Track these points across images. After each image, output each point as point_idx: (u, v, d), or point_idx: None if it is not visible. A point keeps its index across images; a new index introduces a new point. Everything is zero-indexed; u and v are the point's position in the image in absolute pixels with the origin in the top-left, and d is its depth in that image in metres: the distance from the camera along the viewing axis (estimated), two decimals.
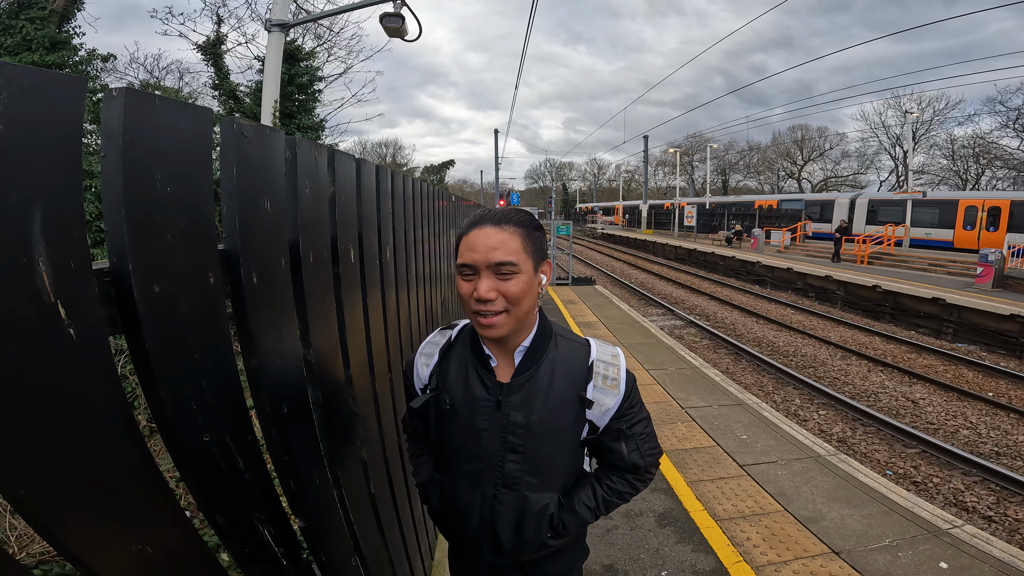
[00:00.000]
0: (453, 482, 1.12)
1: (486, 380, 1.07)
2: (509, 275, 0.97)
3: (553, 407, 1.05)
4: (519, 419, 1.04)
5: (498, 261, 0.96)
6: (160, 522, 0.62)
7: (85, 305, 0.52)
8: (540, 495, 1.08)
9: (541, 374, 1.06)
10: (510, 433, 1.04)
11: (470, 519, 1.10)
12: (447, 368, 1.11)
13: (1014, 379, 7.79)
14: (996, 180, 35.56)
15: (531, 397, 1.05)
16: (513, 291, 0.97)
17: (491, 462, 1.06)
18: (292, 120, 10.04)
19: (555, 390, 1.06)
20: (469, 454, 1.07)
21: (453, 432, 1.09)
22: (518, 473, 1.06)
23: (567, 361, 1.08)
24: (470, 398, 1.07)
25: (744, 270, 19.32)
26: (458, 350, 1.13)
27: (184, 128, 0.64)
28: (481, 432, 1.06)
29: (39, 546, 2.23)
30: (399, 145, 50.33)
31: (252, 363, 0.82)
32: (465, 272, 0.99)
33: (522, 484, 1.06)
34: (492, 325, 0.98)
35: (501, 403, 1.05)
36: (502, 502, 1.07)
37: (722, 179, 57.84)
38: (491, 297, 0.96)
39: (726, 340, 9.88)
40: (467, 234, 1.01)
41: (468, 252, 0.98)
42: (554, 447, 1.08)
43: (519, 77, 15.32)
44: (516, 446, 1.05)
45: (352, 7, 7.12)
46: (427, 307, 2.47)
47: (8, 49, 8.54)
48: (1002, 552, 2.77)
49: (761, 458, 3.94)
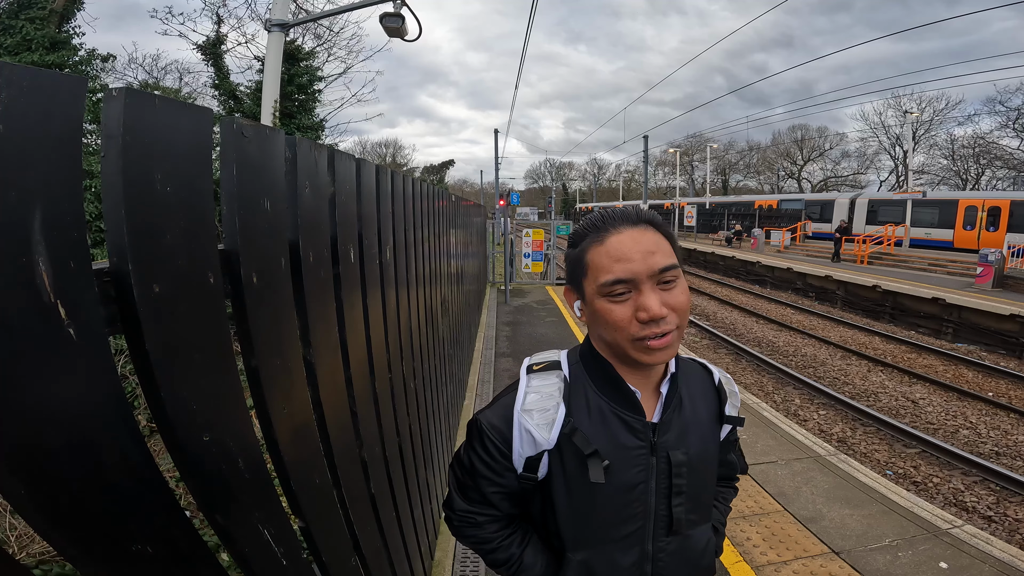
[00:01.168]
0: (606, 555, 0.92)
1: (635, 423, 0.88)
2: (673, 283, 0.80)
3: (704, 434, 0.94)
4: (680, 457, 0.89)
5: (662, 267, 0.78)
6: (160, 522, 0.62)
7: (85, 305, 0.51)
8: (701, 529, 0.97)
9: (685, 402, 0.93)
10: (675, 476, 0.89)
11: None
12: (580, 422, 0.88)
13: (1014, 379, 7.80)
14: (996, 180, 35.57)
15: (684, 430, 0.91)
16: (681, 300, 0.80)
17: (651, 514, 0.90)
18: (292, 120, 10.05)
19: (701, 416, 0.95)
20: (624, 516, 0.89)
21: (598, 499, 0.88)
22: (684, 515, 0.92)
23: (695, 381, 0.97)
24: (619, 450, 0.87)
25: (744, 270, 19.32)
26: (579, 394, 0.90)
27: (184, 128, 0.64)
28: (638, 486, 0.88)
29: (39, 546, 2.23)
30: (399, 145, 50.34)
31: (252, 363, 0.82)
32: (617, 291, 0.79)
33: (684, 524, 0.93)
34: (666, 347, 0.79)
35: (656, 445, 0.88)
36: (668, 551, 0.93)
37: (722, 179, 57.85)
38: (664, 314, 0.77)
39: (726, 340, 9.88)
40: (601, 243, 0.81)
41: (618, 264, 0.78)
42: (708, 477, 0.97)
43: (519, 77, 15.32)
44: (681, 487, 0.90)
45: (352, 7, 7.12)
46: (427, 307, 2.47)
47: (8, 49, 8.54)
48: (1002, 552, 2.77)
49: (761, 458, 3.94)
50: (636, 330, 0.78)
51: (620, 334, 0.80)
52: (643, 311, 0.77)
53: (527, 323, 8.72)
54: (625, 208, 0.84)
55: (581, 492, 0.88)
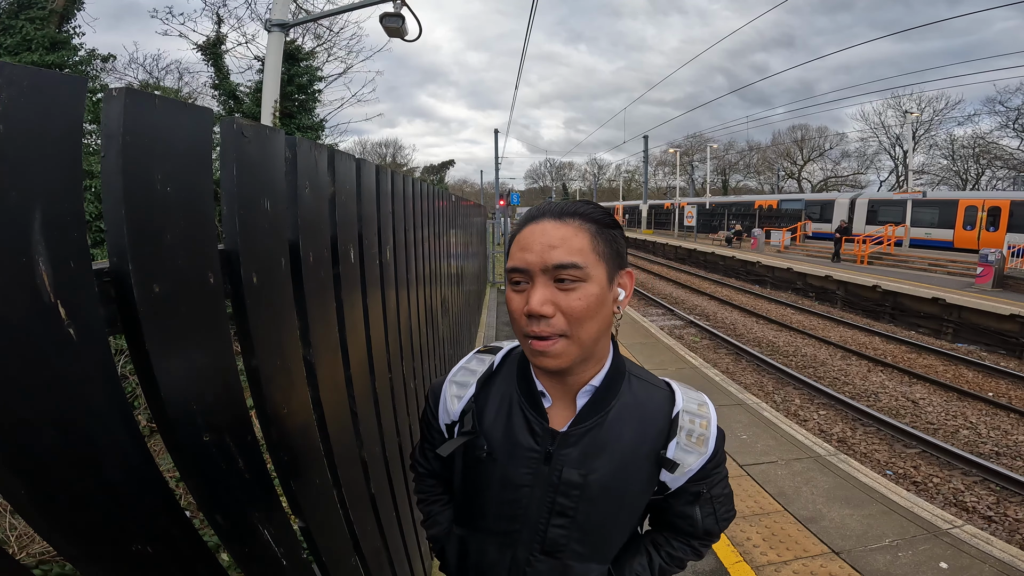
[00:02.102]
0: (478, 540, 0.93)
1: (535, 425, 0.86)
2: (572, 283, 0.74)
3: (620, 466, 0.85)
4: (574, 478, 0.84)
5: (557, 263, 0.74)
6: (160, 522, 0.62)
7: (85, 305, 0.51)
8: (587, 566, 0.89)
9: (610, 423, 0.85)
10: (560, 494, 0.85)
11: None
12: (484, 403, 0.90)
13: (1014, 379, 7.80)
14: (996, 180, 35.58)
15: (594, 452, 0.84)
16: (576, 306, 0.74)
17: (530, 524, 0.87)
18: (292, 120, 10.05)
19: (625, 445, 0.85)
20: (503, 512, 0.89)
21: (485, 483, 0.89)
22: (564, 540, 0.87)
23: (643, 409, 0.87)
24: (512, 446, 0.86)
25: (744, 270, 19.32)
26: (501, 382, 0.92)
27: (184, 128, 0.64)
28: (521, 488, 0.86)
29: (39, 546, 2.23)
30: (399, 145, 50.40)
31: (252, 363, 0.82)
32: (515, 279, 0.78)
33: (567, 553, 0.88)
34: (547, 352, 0.76)
35: (552, 456, 0.85)
36: (538, 570, 0.88)
37: (722, 179, 57.87)
38: (546, 312, 0.74)
39: (726, 340, 9.88)
40: (519, 232, 0.80)
41: (519, 252, 0.77)
42: (613, 512, 0.88)
43: (519, 76, 15.32)
44: (566, 509, 0.85)
45: (352, 7, 7.12)
46: (427, 307, 2.47)
47: (8, 49, 8.54)
48: (1002, 552, 2.77)
49: (761, 458, 3.94)
50: (524, 324, 0.77)
51: (515, 325, 0.80)
52: (526, 304, 0.75)
53: None
54: (563, 203, 0.81)
55: (472, 471, 0.91)
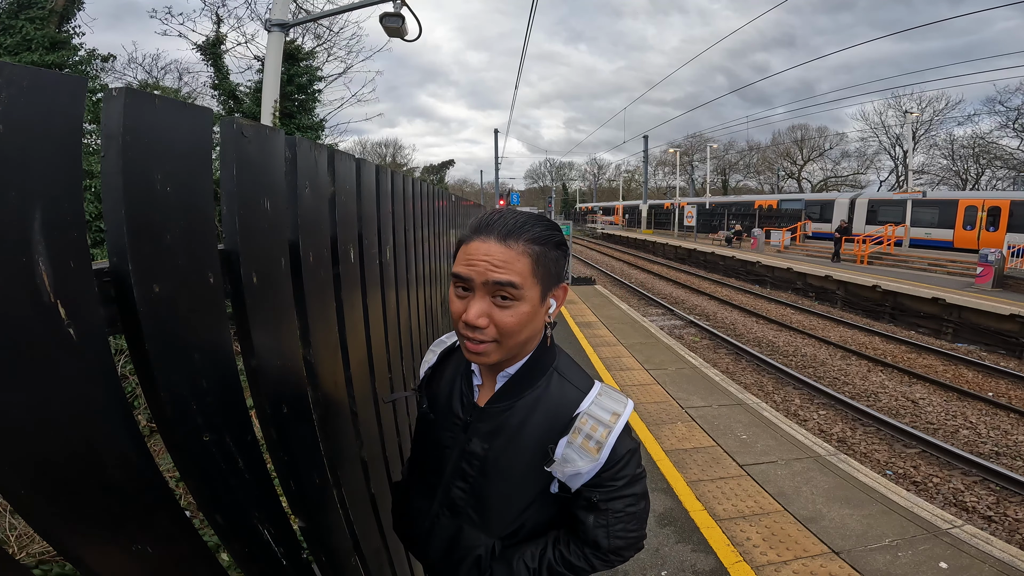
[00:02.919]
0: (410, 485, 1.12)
1: (464, 398, 1.00)
2: (508, 301, 0.83)
3: (516, 449, 0.93)
4: (477, 449, 0.96)
5: (496, 281, 0.82)
6: (160, 522, 0.62)
7: (85, 305, 0.52)
8: (476, 533, 0.98)
9: (517, 409, 0.94)
10: (465, 461, 0.97)
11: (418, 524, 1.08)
12: (441, 372, 1.07)
13: (1014, 379, 7.80)
14: (996, 180, 35.58)
15: (498, 431, 0.94)
16: (508, 322, 0.84)
17: (444, 482, 1.01)
18: (292, 120, 10.04)
19: (526, 432, 0.92)
20: (430, 466, 1.05)
21: (424, 440, 1.07)
22: (461, 503, 0.99)
23: (553, 404, 0.93)
24: (447, 411, 1.01)
25: (744, 270, 19.32)
26: (458, 356, 1.06)
27: (184, 128, 0.64)
28: (444, 449, 1.01)
29: (39, 546, 2.23)
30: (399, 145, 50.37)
31: (252, 363, 0.82)
32: (458, 285, 0.86)
33: (464, 516, 0.99)
34: (479, 353, 0.87)
35: (469, 426, 0.98)
36: (440, 524, 1.02)
37: (722, 179, 57.86)
38: (481, 324, 0.83)
39: (726, 340, 9.88)
40: (468, 242, 0.87)
41: (464, 264, 0.85)
42: (505, 491, 0.96)
43: (519, 76, 15.33)
44: (467, 475, 0.97)
45: (352, 7, 7.12)
46: (427, 307, 2.47)
47: (8, 49, 8.54)
48: (1002, 552, 2.77)
49: (761, 458, 3.94)
50: (461, 327, 0.87)
51: (454, 323, 0.90)
52: (465, 314, 0.85)
53: None
54: (508, 220, 0.86)
55: (419, 427, 1.11)
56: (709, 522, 3.07)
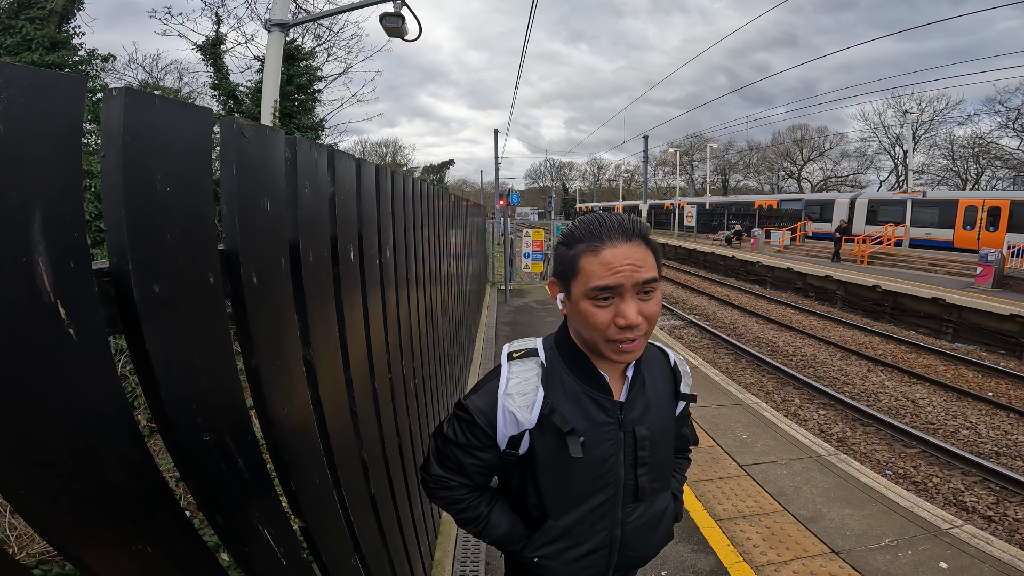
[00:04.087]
0: (580, 522, 1.03)
1: (604, 403, 1.00)
2: (651, 294, 0.89)
3: (662, 411, 1.06)
4: (644, 432, 1.02)
5: (645, 280, 0.87)
6: (160, 522, 0.62)
7: (85, 305, 0.52)
8: (661, 497, 1.11)
9: (647, 383, 1.05)
10: (639, 448, 1.02)
11: (597, 551, 1.06)
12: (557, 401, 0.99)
13: (1014, 379, 7.80)
14: (996, 180, 35.57)
15: (647, 408, 1.04)
16: (654, 311, 0.90)
17: (621, 483, 1.03)
18: (292, 120, 10.04)
19: (659, 395, 1.07)
20: (597, 485, 1.01)
21: (574, 470, 0.99)
22: (647, 484, 1.05)
23: (655, 364, 1.09)
24: (592, 427, 0.98)
25: (744, 270, 19.32)
26: (555, 379, 1.00)
27: (184, 128, 0.64)
28: (609, 459, 1.00)
29: (39, 546, 2.23)
30: (399, 145, 50.36)
31: (252, 363, 0.82)
32: (603, 297, 0.88)
33: (647, 492, 1.06)
34: (634, 350, 0.90)
35: (623, 421, 1.01)
36: (635, 516, 1.07)
37: (722, 179, 57.85)
38: (639, 322, 0.87)
39: (726, 340, 9.88)
40: (596, 252, 0.88)
41: (608, 274, 0.86)
42: (669, 448, 1.11)
43: (519, 76, 15.31)
44: (645, 459, 1.03)
45: (352, 7, 7.12)
46: (427, 307, 2.47)
47: (8, 49, 8.54)
48: (1002, 552, 2.77)
49: (761, 458, 3.94)
50: (613, 333, 0.88)
51: (598, 334, 0.90)
52: (622, 318, 0.87)
53: (527, 323, 8.72)
54: (621, 220, 0.91)
55: (561, 465, 1.00)
56: (709, 522, 3.06)
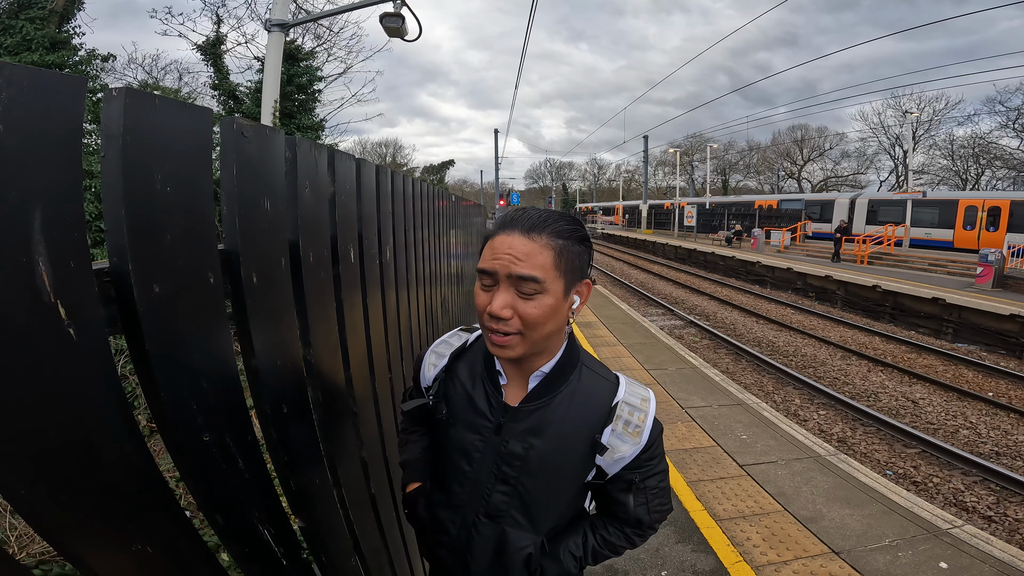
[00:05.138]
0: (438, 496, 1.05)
1: (492, 399, 0.98)
2: (531, 294, 0.85)
3: (560, 444, 0.95)
4: (517, 449, 0.95)
5: (519, 275, 0.84)
6: (160, 522, 0.62)
7: (85, 305, 0.52)
8: (522, 534, 0.98)
9: (555, 406, 0.95)
10: (504, 463, 0.96)
11: (449, 536, 1.03)
12: (455, 374, 1.03)
13: (1014, 379, 7.79)
14: (996, 180, 35.57)
15: (537, 429, 0.95)
16: (531, 313, 0.85)
17: (478, 488, 0.98)
18: (292, 120, 10.04)
19: (567, 426, 0.95)
20: (457, 473, 1.00)
21: (447, 446, 1.02)
22: (504, 507, 0.97)
23: (588, 396, 0.97)
24: (471, 413, 0.98)
25: (744, 270, 19.32)
26: (471, 357, 1.03)
27: (184, 128, 0.64)
28: (474, 454, 0.98)
29: (39, 546, 2.23)
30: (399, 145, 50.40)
31: (252, 363, 0.82)
32: (484, 279, 0.88)
33: (506, 519, 0.98)
34: (504, 345, 0.88)
35: (502, 427, 0.96)
36: (480, 532, 0.99)
37: (722, 179, 57.86)
38: (505, 315, 0.85)
39: (726, 340, 9.88)
40: (493, 237, 0.89)
41: (489, 258, 0.87)
42: (551, 487, 0.98)
43: (519, 76, 15.33)
44: (508, 477, 0.96)
45: (352, 7, 7.12)
46: (427, 307, 2.47)
47: (8, 49, 8.54)
48: (1002, 552, 2.77)
49: (761, 458, 3.94)
50: (486, 320, 0.89)
51: (480, 318, 0.91)
52: (489, 305, 0.87)
53: None
54: (532, 215, 0.89)
55: (438, 433, 1.04)
56: (709, 522, 3.06)
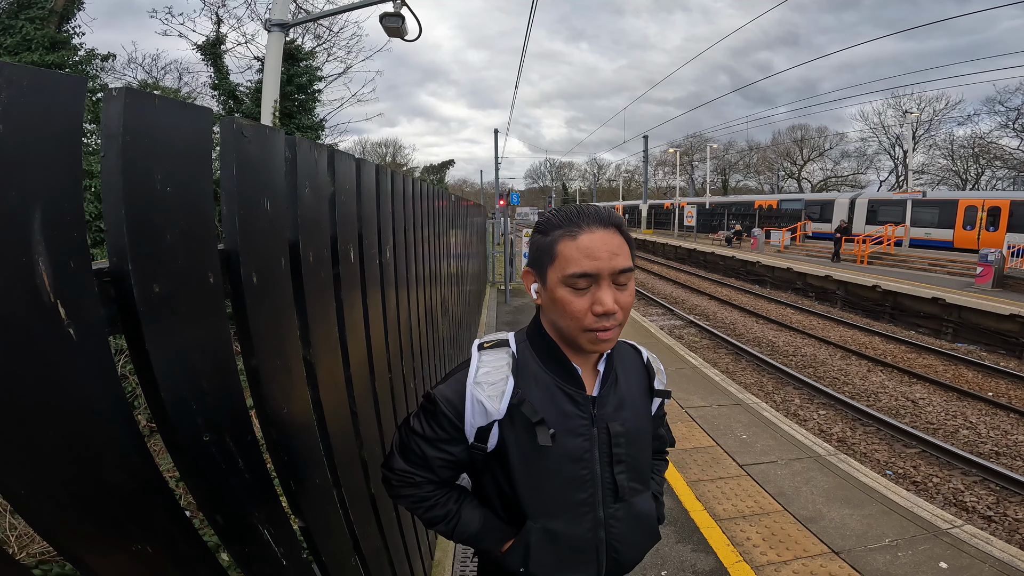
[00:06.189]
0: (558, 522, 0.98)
1: (576, 397, 0.97)
2: (625, 283, 0.88)
3: (637, 407, 1.05)
4: (619, 429, 0.99)
5: (622, 268, 0.86)
6: (160, 522, 0.62)
7: (85, 305, 0.52)
8: (643, 497, 1.07)
9: (620, 379, 1.03)
10: (615, 445, 0.99)
11: (586, 553, 1.01)
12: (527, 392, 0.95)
13: (1014, 379, 7.79)
14: (996, 180, 35.56)
15: (620, 404, 1.01)
16: (628, 301, 0.89)
17: (599, 482, 0.99)
18: (292, 120, 10.04)
19: (633, 391, 1.05)
20: (574, 483, 0.97)
21: (549, 466, 0.95)
22: (626, 483, 1.02)
23: (627, 360, 1.07)
24: (564, 420, 0.95)
25: (744, 270, 19.31)
26: (525, 371, 0.97)
27: (184, 128, 0.64)
28: (583, 456, 0.97)
29: (39, 546, 2.23)
30: (399, 145, 50.41)
31: (252, 363, 0.82)
32: (580, 285, 0.86)
33: (629, 492, 1.03)
34: (609, 340, 0.89)
35: (596, 417, 0.98)
36: (618, 518, 1.02)
37: (722, 179, 57.84)
38: (616, 310, 0.86)
39: (726, 340, 9.88)
40: (574, 237, 0.86)
41: (587, 260, 0.85)
42: (645, 447, 1.08)
43: (519, 75, 15.31)
44: (621, 456, 1.00)
45: (352, 7, 7.12)
46: (427, 307, 2.47)
47: (8, 49, 8.54)
48: (1002, 552, 2.77)
49: (761, 458, 3.94)
50: (590, 321, 0.87)
51: (574, 323, 0.89)
52: (599, 305, 0.86)
53: (527, 322, 8.70)
54: (597, 209, 0.91)
55: (534, 460, 0.95)
56: (709, 522, 3.06)
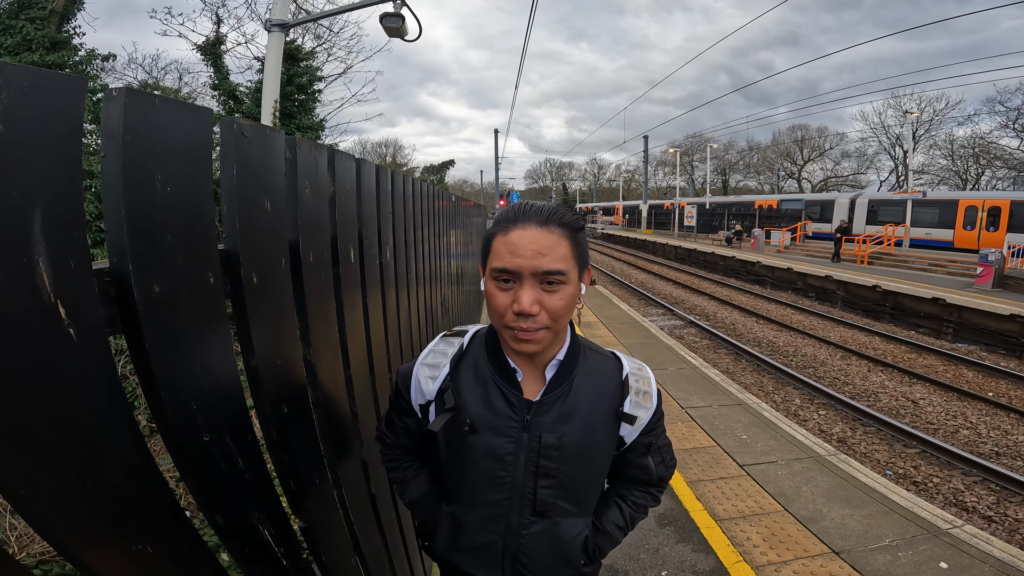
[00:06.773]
0: (473, 515, 1.00)
1: (511, 397, 0.95)
2: (556, 286, 0.85)
3: (588, 425, 0.96)
4: (552, 440, 0.94)
5: (546, 270, 0.83)
6: (160, 522, 0.62)
7: (85, 305, 0.52)
8: (573, 521, 1.00)
9: (574, 390, 0.96)
10: (543, 457, 0.94)
11: (490, 554, 1.00)
12: (459, 382, 0.98)
13: (1014, 379, 7.79)
14: (996, 180, 35.56)
15: (565, 416, 0.95)
16: (557, 305, 0.85)
17: (519, 489, 0.96)
18: (292, 120, 10.04)
19: (589, 407, 0.97)
20: (491, 482, 0.96)
21: (471, 457, 0.96)
22: (551, 499, 0.97)
23: (598, 375, 1.00)
24: (492, 417, 0.94)
25: (744, 270, 19.31)
26: (471, 361, 0.99)
27: (184, 128, 0.64)
28: (506, 457, 0.95)
29: (39, 546, 2.23)
30: (399, 145, 50.41)
31: (252, 363, 0.82)
32: (502, 279, 0.85)
33: (555, 510, 0.98)
34: (530, 341, 0.86)
35: (530, 423, 0.94)
36: (532, 532, 0.98)
37: (722, 179, 57.84)
38: (535, 312, 0.84)
39: (726, 340, 9.88)
40: (506, 233, 0.86)
41: (509, 256, 0.84)
42: (589, 468, 1.00)
43: (519, 75, 15.33)
44: (549, 470, 0.95)
45: (352, 7, 7.12)
46: (427, 307, 2.47)
47: (8, 49, 8.54)
48: (1002, 552, 2.77)
49: (761, 458, 3.94)
50: (510, 319, 0.86)
51: (498, 318, 0.89)
52: (516, 303, 0.84)
53: None
54: (542, 207, 0.89)
55: (457, 447, 0.98)
56: (709, 522, 3.06)
